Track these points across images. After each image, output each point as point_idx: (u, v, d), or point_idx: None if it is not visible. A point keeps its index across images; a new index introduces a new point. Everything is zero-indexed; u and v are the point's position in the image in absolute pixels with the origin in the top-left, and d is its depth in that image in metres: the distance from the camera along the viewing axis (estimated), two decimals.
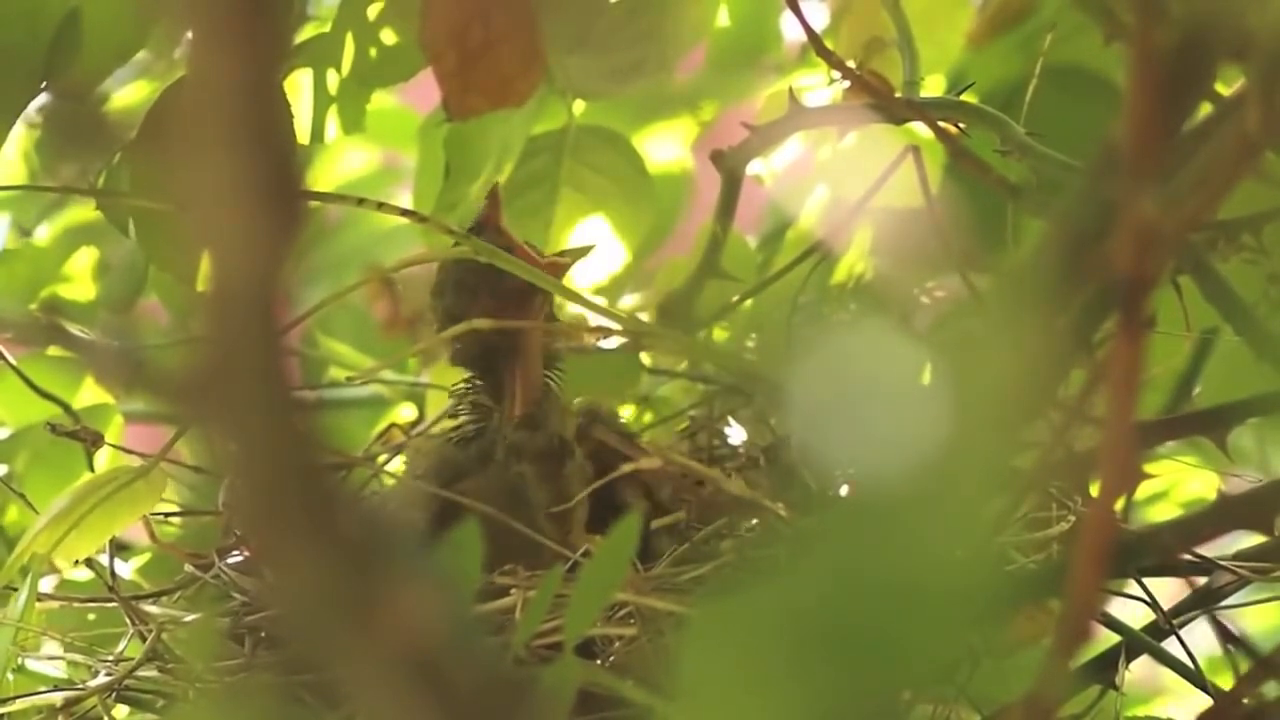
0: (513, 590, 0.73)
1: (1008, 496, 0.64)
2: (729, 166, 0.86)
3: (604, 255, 0.92)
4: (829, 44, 0.82)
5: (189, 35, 0.38)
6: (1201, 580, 0.77)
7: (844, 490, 0.73)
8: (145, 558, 0.91)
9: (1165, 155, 0.44)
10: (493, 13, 0.80)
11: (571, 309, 0.84)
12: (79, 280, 1.02)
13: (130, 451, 0.82)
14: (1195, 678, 0.76)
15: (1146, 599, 0.77)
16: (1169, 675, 0.79)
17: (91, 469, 0.82)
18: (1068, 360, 0.50)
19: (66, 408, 0.85)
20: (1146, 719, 0.83)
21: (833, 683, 0.37)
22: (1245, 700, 0.69)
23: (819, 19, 0.92)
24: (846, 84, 0.84)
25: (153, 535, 0.82)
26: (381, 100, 0.90)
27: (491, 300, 0.78)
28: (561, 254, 0.80)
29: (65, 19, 0.79)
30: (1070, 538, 0.75)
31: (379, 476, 0.88)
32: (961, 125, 0.79)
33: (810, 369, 0.40)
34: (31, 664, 0.82)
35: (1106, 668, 0.76)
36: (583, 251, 0.80)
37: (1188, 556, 0.76)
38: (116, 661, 0.79)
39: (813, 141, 0.91)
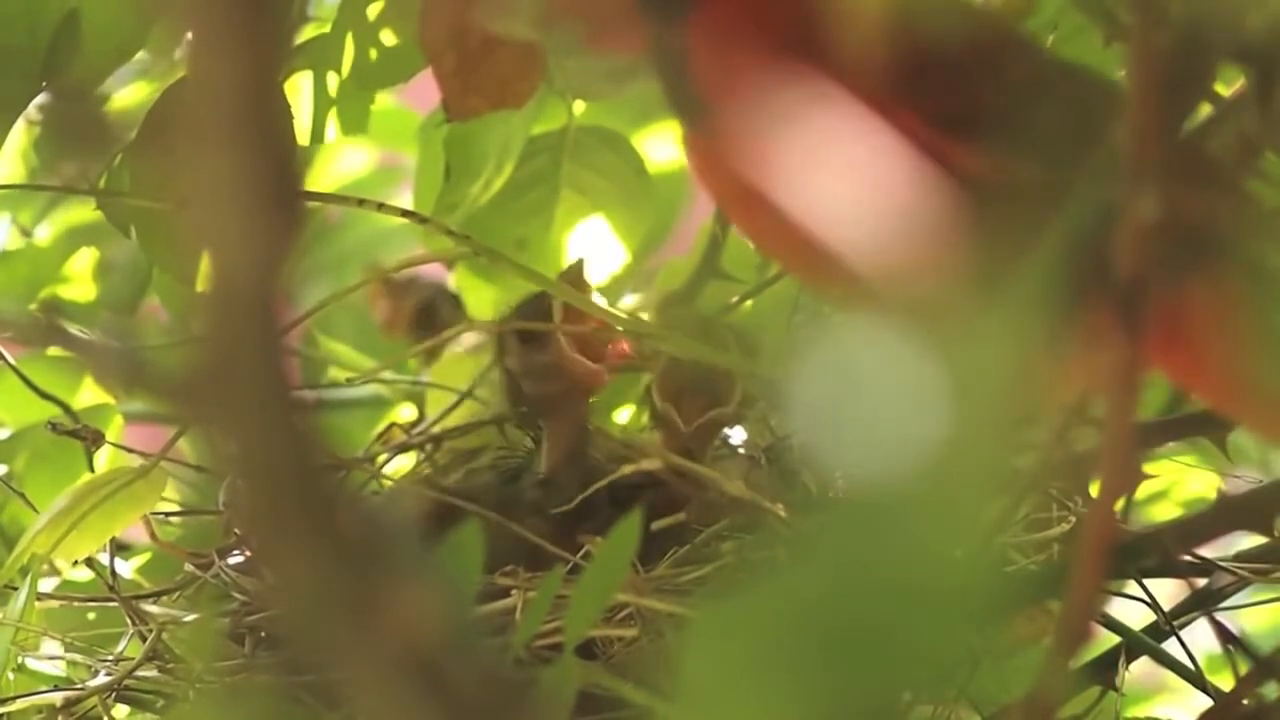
0: (513, 591, 0.73)
1: (1008, 497, 0.64)
2: None
3: (604, 255, 0.92)
4: None
5: (189, 35, 0.38)
6: (1202, 581, 0.77)
7: (844, 490, 0.73)
8: (145, 557, 0.91)
9: (1165, 155, 0.44)
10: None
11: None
12: (79, 280, 1.02)
13: (131, 451, 0.82)
14: (1195, 678, 0.76)
15: (1146, 599, 0.77)
16: (1169, 675, 0.79)
17: (91, 469, 0.82)
18: (1067, 360, 0.50)
19: (66, 408, 0.85)
20: (1146, 719, 0.83)
21: (833, 684, 0.37)
22: (1245, 701, 0.69)
23: None
24: None
25: (153, 535, 0.82)
26: (381, 100, 0.90)
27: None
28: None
29: (65, 19, 0.79)
30: (1070, 539, 0.75)
31: (378, 477, 0.88)
32: None
33: (810, 369, 0.39)
34: (31, 663, 0.82)
35: (1106, 668, 0.76)
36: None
37: (1188, 557, 0.76)
38: (116, 661, 0.79)
39: None
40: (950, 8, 0.59)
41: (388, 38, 0.83)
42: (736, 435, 0.86)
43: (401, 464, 0.90)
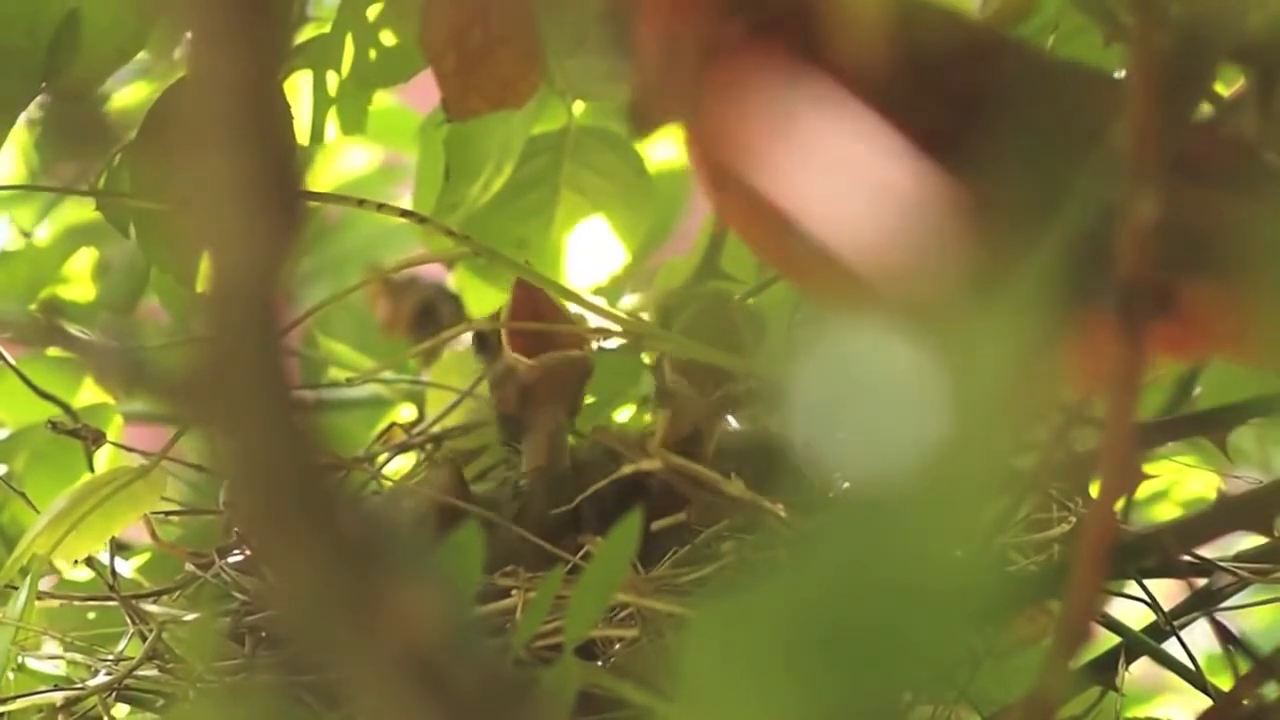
0: (514, 591, 0.73)
1: (1008, 498, 0.64)
2: None
3: (604, 255, 0.92)
4: None
5: (189, 35, 0.38)
6: (1202, 581, 0.77)
7: (844, 490, 0.73)
8: (145, 557, 0.91)
9: (1165, 155, 0.44)
10: (492, 14, 0.80)
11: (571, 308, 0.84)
12: (79, 280, 1.02)
13: (131, 451, 0.82)
14: (1195, 678, 0.76)
15: (1146, 599, 0.77)
16: (1169, 675, 0.79)
17: (91, 469, 0.82)
18: (1067, 360, 0.50)
19: (66, 408, 0.85)
20: (1146, 719, 0.83)
21: (833, 684, 0.37)
22: (1245, 701, 0.69)
23: None
24: None
25: (153, 534, 0.82)
26: (381, 100, 0.89)
27: None
28: None
29: (65, 19, 0.79)
30: (1070, 539, 0.75)
31: (378, 477, 0.88)
32: None
33: (810, 369, 0.39)
34: (31, 663, 0.82)
35: (1106, 668, 0.76)
36: None
37: (1188, 557, 0.76)
38: (116, 661, 0.79)
39: None
40: (939, 19, 0.59)
41: (388, 38, 0.83)
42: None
43: (402, 464, 0.90)
